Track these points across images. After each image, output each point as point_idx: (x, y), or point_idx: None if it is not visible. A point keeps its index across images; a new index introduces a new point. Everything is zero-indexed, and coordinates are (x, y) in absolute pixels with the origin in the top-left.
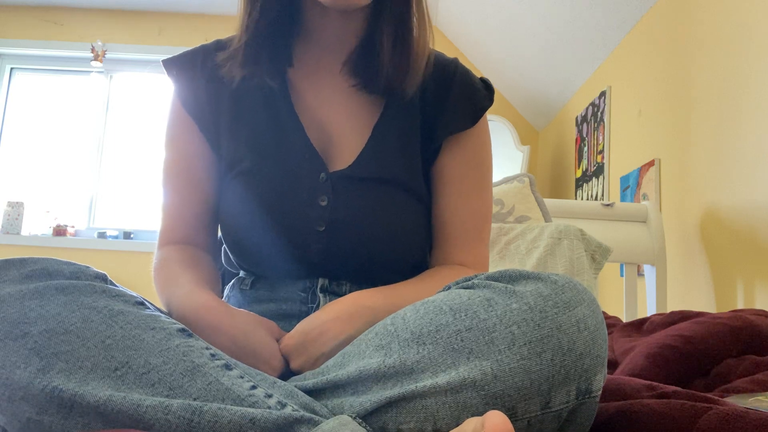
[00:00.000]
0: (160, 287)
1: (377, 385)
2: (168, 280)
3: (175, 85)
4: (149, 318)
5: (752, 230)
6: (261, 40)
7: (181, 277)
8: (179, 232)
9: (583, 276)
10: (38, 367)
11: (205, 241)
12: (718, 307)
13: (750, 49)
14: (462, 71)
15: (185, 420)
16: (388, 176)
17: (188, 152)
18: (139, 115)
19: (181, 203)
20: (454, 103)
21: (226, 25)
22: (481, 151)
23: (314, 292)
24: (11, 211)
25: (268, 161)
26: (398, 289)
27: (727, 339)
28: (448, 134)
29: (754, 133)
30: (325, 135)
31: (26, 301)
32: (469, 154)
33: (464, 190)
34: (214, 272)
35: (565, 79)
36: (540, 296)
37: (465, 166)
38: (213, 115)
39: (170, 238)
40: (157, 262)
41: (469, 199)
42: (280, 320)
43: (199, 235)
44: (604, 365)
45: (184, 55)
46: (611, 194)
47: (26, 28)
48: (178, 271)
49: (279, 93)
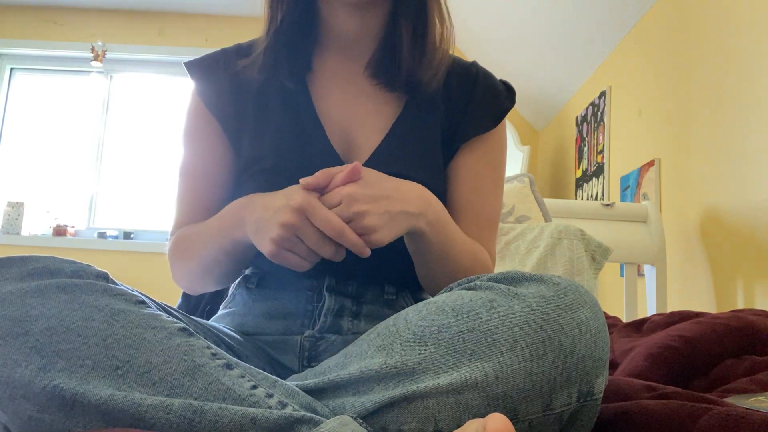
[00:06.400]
0: (181, 252)
1: (379, 385)
2: (188, 237)
3: (198, 85)
4: (150, 317)
5: (752, 230)
6: (281, 46)
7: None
8: (192, 221)
9: (583, 276)
10: (39, 366)
11: None
12: (718, 307)
13: (750, 49)
14: (484, 73)
15: (186, 419)
16: (403, 173)
17: (204, 150)
18: (139, 115)
19: (195, 198)
20: (478, 105)
21: (227, 25)
22: (500, 153)
23: (320, 291)
24: (11, 211)
25: (290, 162)
26: (452, 225)
27: (727, 339)
28: (472, 136)
29: (754, 133)
30: (345, 136)
31: (27, 300)
32: (488, 155)
33: (480, 188)
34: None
35: (565, 79)
36: (542, 298)
37: (484, 165)
38: (237, 115)
39: (183, 225)
40: (171, 243)
41: (484, 198)
42: (284, 318)
43: None
44: (605, 368)
45: (207, 57)
46: (611, 194)
47: (26, 28)
48: (197, 225)
49: (300, 95)
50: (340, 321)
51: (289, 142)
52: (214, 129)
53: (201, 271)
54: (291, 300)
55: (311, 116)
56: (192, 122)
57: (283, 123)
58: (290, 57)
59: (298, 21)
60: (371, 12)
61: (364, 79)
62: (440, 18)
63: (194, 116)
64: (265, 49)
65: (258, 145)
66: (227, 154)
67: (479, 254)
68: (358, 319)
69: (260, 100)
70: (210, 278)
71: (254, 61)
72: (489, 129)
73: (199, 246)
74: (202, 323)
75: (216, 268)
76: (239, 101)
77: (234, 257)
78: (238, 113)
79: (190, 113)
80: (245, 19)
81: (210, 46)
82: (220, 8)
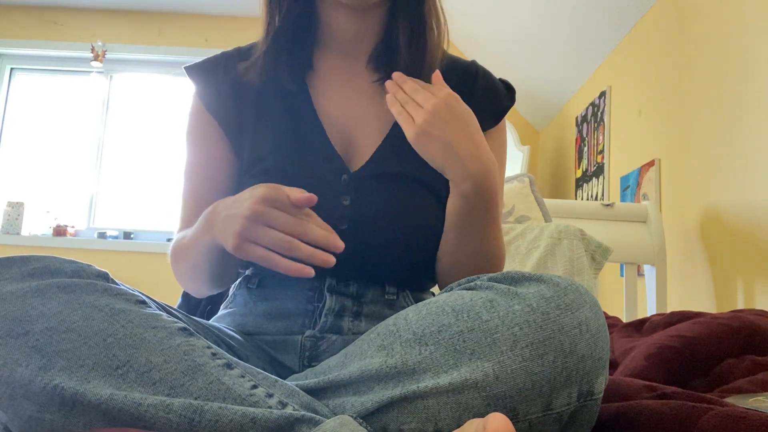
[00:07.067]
0: (176, 255)
1: (379, 385)
2: (182, 240)
3: (198, 88)
4: (150, 317)
5: (752, 230)
6: (280, 48)
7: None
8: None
9: (583, 276)
10: (39, 365)
11: None
12: (718, 307)
13: (749, 49)
14: (483, 72)
15: (186, 419)
16: (405, 171)
17: (206, 152)
18: (139, 115)
19: (198, 199)
20: (477, 103)
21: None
22: (499, 151)
23: (321, 291)
24: (11, 211)
25: (290, 162)
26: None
27: (727, 339)
28: None
29: (754, 133)
30: (346, 135)
31: (28, 299)
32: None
33: None
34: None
35: (565, 79)
36: (542, 298)
37: None
38: (237, 117)
39: (186, 227)
40: (172, 244)
41: None
42: (285, 318)
43: None
44: (605, 368)
45: (207, 61)
46: (611, 194)
47: (26, 28)
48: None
49: (300, 96)
50: (340, 321)
51: (289, 143)
52: (215, 131)
53: (191, 275)
54: (291, 300)
55: (311, 117)
56: (194, 125)
57: (283, 124)
58: (290, 59)
59: (296, 23)
60: (371, 12)
61: (363, 79)
62: (436, 15)
63: (195, 118)
64: (265, 51)
65: (258, 146)
66: (229, 156)
67: (503, 249)
68: (359, 319)
69: (260, 101)
70: (200, 282)
71: (254, 64)
72: (489, 128)
73: (185, 250)
74: (202, 323)
75: (200, 272)
76: (239, 103)
77: (210, 261)
78: (239, 115)
79: (191, 115)
80: (245, 19)
81: (210, 46)
82: (219, 8)
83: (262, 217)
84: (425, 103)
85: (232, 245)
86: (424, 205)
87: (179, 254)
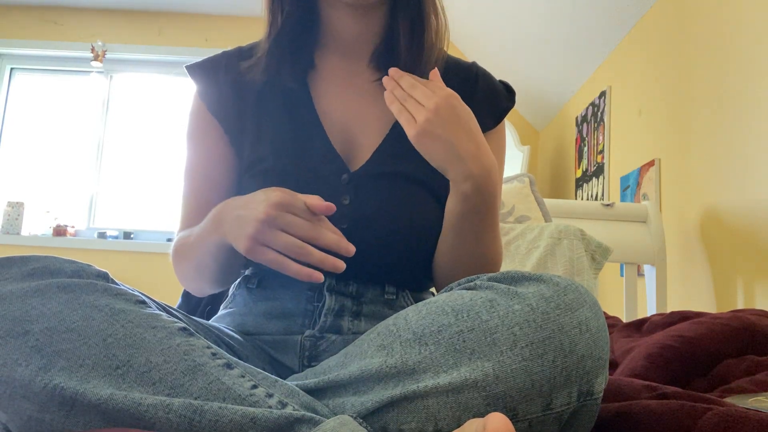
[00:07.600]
0: (179, 254)
1: (378, 384)
2: (184, 239)
3: (199, 87)
4: (150, 317)
5: (752, 230)
6: (282, 48)
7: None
8: (195, 222)
9: (583, 276)
10: (39, 365)
11: None
12: (718, 307)
13: (749, 49)
14: (483, 73)
15: (186, 419)
16: (405, 171)
17: (207, 152)
18: (139, 115)
19: (198, 199)
20: (477, 104)
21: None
22: (499, 153)
23: (321, 291)
24: (11, 211)
25: (290, 162)
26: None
27: (727, 339)
28: None
29: (754, 133)
30: (347, 135)
31: (28, 299)
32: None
33: None
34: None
35: (565, 79)
36: (542, 298)
37: None
38: (238, 116)
39: (187, 226)
40: (173, 244)
41: None
42: (285, 318)
43: None
44: (605, 368)
45: (208, 60)
46: (611, 194)
47: (26, 28)
48: (194, 228)
49: (301, 96)
50: (340, 321)
51: (289, 143)
52: (215, 131)
53: (194, 274)
54: (291, 300)
55: (312, 117)
56: (194, 124)
57: (284, 123)
58: (292, 59)
59: (298, 23)
60: (372, 12)
61: (364, 79)
62: (435, 14)
63: (196, 118)
64: (267, 51)
65: (259, 146)
66: (229, 156)
67: (501, 250)
68: (359, 318)
69: (261, 101)
70: (204, 281)
71: (256, 64)
72: (489, 129)
73: (190, 249)
74: (202, 323)
75: (206, 271)
76: (240, 103)
77: (218, 260)
78: (240, 115)
79: (192, 115)
80: (245, 19)
81: (210, 46)
82: (220, 8)
83: (276, 221)
84: (426, 102)
85: (244, 247)
86: (424, 205)
87: (182, 253)
